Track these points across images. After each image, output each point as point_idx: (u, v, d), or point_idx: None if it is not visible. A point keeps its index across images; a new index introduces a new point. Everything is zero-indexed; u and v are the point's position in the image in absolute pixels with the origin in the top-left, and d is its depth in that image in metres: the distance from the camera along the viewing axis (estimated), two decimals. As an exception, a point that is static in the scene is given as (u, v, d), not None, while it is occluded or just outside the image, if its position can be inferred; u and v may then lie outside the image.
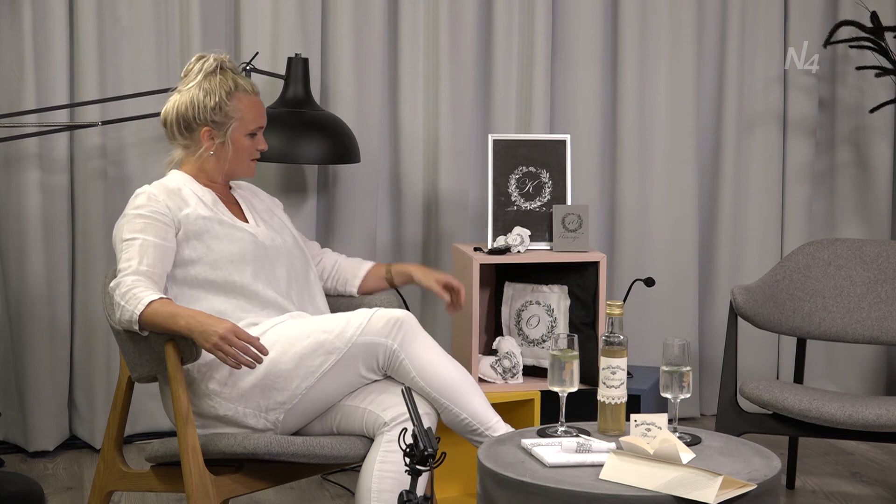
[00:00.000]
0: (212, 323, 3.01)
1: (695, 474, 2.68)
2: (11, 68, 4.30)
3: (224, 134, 3.33)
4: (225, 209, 3.34)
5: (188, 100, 3.32)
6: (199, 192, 3.32)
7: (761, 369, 4.99)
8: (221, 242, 3.25)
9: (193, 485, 3.03)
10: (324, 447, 3.14)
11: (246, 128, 3.34)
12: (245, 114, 3.34)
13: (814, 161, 5.05)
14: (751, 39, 4.96)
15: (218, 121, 3.31)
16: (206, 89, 3.31)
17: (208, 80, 3.33)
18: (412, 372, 3.14)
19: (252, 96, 3.36)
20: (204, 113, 3.30)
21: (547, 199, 4.04)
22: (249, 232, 3.31)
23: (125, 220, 3.23)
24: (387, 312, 3.15)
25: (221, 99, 3.30)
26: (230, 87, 3.32)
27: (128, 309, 3.06)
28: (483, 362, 3.88)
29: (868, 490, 4.20)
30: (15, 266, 4.37)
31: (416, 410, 2.60)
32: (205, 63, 3.35)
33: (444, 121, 4.65)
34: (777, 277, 4.01)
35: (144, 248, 3.16)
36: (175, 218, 3.23)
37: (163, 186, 3.30)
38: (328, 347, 3.13)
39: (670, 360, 3.03)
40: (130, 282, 3.10)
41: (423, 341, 3.16)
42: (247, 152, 3.37)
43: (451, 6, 4.63)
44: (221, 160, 3.35)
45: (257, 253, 3.28)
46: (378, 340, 3.13)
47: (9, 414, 4.47)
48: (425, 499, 2.54)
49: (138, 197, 3.26)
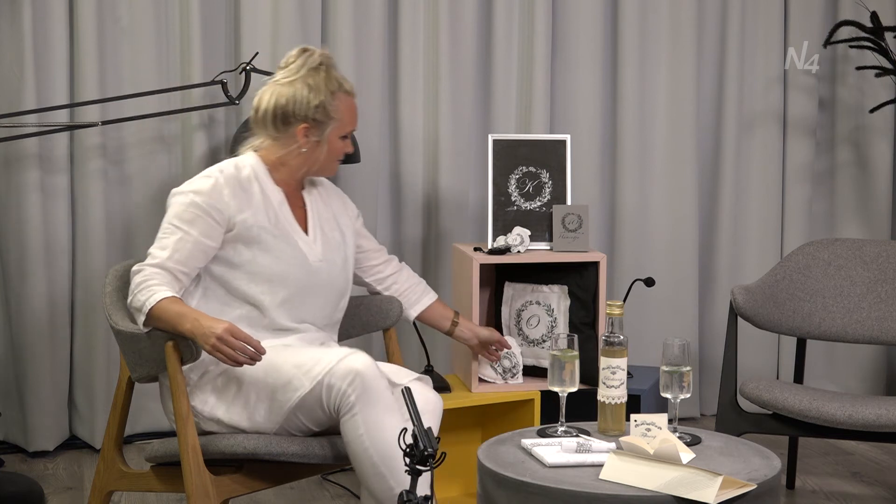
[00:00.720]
0: (210, 325, 3.00)
1: (695, 474, 2.68)
2: (11, 68, 4.30)
3: (321, 133, 3.25)
4: (289, 214, 3.27)
5: (290, 93, 3.23)
6: (270, 189, 3.25)
7: (761, 369, 4.99)
8: (268, 257, 3.19)
9: (193, 485, 3.03)
10: (324, 447, 3.14)
11: (343, 129, 3.28)
12: (344, 115, 3.27)
13: (814, 161, 5.05)
14: (751, 39, 4.96)
15: (319, 119, 3.24)
16: (311, 86, 3.23)
17: (312, 76, 3.24)
18: (360, 429, 3.00)
19: (352, 98, 3.30)
20: (306, 110, 3.22)
21: (547, 199, 4.04)
22: (301, 251, 3.24)
23: (183, 197, 3.16)
24: (355, 362, 3.03)
25: (326, 98, 3.23)
26: (335, 86, 3.25)
27: (139, 299, 3.06)
28: (483, 362, 3.89)
29: (868, 490, 4.20)
30: (15, 266, 4.37)
31: (416, 410, 2.59)
32: (309, 58, 3.26)
33: (444, 121, 4.65)
34: (777, 277, 4.01)
35: (182, 244, 3.13)
36: (230, 219, 3.17)
37: (234, 176, 3.21)
38: (296, 384, 3.07)
39: (670, 360, 3.03)
40: (151, 273, 3.09)
41: (383, 401, 3.03)
42: (337, 153, 3.30)
43: (451, 6, 4.63)
44: (311, 159, 3.28)
45: (298, 280, 3.22)
46: (339, 386, 3.02)
47: (9, 414, 4.47)
48: (425, 499, 2.54)
49: (205, 180, 3.19)
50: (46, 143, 4.36)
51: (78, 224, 4.44)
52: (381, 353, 3.94)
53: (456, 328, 3.68)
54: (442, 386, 3.82)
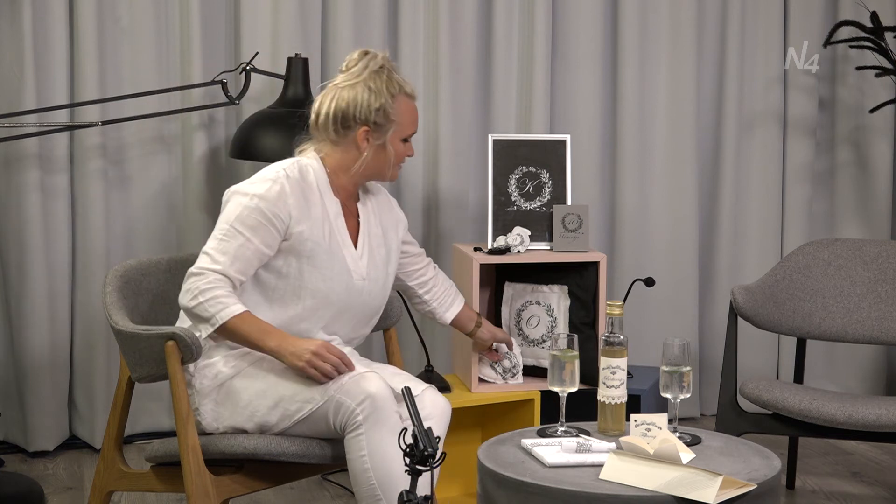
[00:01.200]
0: (303, 343, 3.06)
1: (695, 474, 2.68)
2: (11, 68, 4.30)
3: (382, 137, 3.21)
4: (342, 227, 3.22)
5: (351, 97, 3.18)
6: (328, 199, 3.20)
7: (761, 369, 4.99)
8: (316, 274, 3.16)
9: (193, 485, 3.03)
10: (323, 447, 3.14)
11: (403, 132, 3.24)
12: (404, 118, 3.22)
13: (814, 161, 5.05)
14: (751, 39, 4.96)
15: (379, 122, 3.20)
16: (372, 89, 3.19)
17: (373, 80, 3.20)
18: (364, 450, 3.00)
19: (412, 101, 3.26)
20: (367, 113, 3.18)
21: (547, 199, 4.04)
22: (347, 268, 3.20)
23: (246, 200, 3.10)
24: (369, 384, 3.03)
25: (387, 101, 3.19)
26: (395, 89, 3.21)
27: (209, 310, 3.04)
28: (483, 363, 3.89)
29: (868, 490, 4.20)
30: (15, 266, 4.37)
31: (416, 410, 2.59)
32: (371, 60, 3.22)
33: (444, 121, 4.65)
34: (777, 277, 4.01)
35: (243, 251, 3.09)
36: (290, 228, 3.13)
37: (299, 181, 3.16)
38: (307, 396, 3.07)
39: (670, 360, 3.03)
40: (215, 281, 3.06)
41: (390, 425, 3.01)
42: (399, 158, 3.26)
43: (451, 6, 4.63)
44: (373, 164, 3.23)
45: (340, 298, 3.20)
46: (348, 404, 3.02)
47: (9, 414, 4.47)
48: (425, 499, 2.54)
49: (272, 185, 3.12)
50: (46, 143, 4.36)
51: (78, 224, 4.44)
52: (382, 353, 3.95)
53: (478, 330, 3.70)
54: (442, 386, 3.82)
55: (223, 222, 3.12)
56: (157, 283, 3.39)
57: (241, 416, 3.12)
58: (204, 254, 3.11)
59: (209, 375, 3.16)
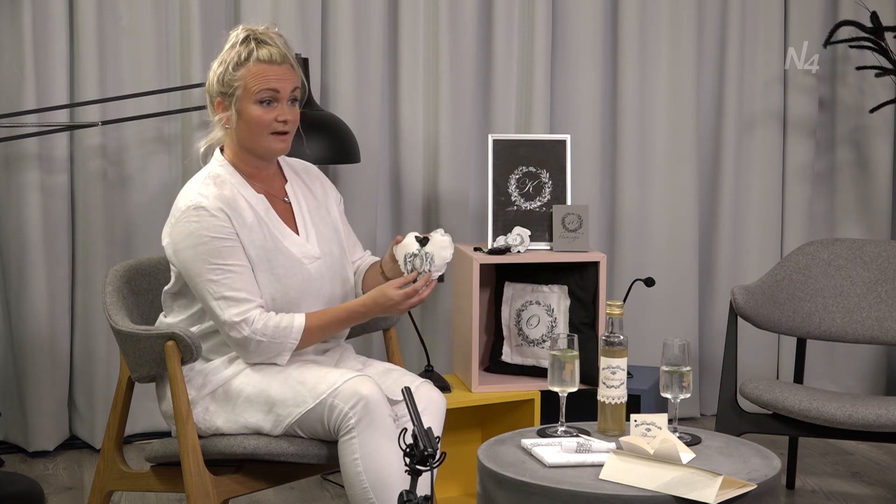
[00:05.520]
0: (384, 303, 3.13)
1: (695, 474, 2.68)
2: (11, 68, 4.30)
3: (231, 103, 3.12)
4: (276, 219, 3.18)
5: (209, 75, 3.16)
6: (252, 198, 3.15)
7: (761, 369, 4.99)
8: (268, 276, 3.12)
9: (193, 485, 3.03)
10: (322, 448, 3.13)
11: (251, 95, 3.09)
12: (249, 80, 3.09)
13: (814, 161, 5.05)
14: (751, 39, 4.96)
15: (224, 91, 3.12)
16: (222, 58, 3.14)
17: (228, 53, 3.13)
18: (356, 453, 2.99)
19: (265, 64, 3.11)
20: (215, 85, 3.13)
21: (547, 199, 4.04)
22: (296, 257, 3.16)
23: (199, 242, 3.06)
24: (361, 387, 3.02)
25: (229, 67, 3.11)
26: (245, 55, 3.11)
27: (283, 344, 3.09)
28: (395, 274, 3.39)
29: (868, 490, 4.20)
30: (15, 266, 4.37)
31: (416, 410, 2.59)
32: (235, 35, 3.15)
33: (444, 121, 4.65)
34: (777, 277, 4.01)
35: (243, 278, 3.07)
36: (240, 239, 3.11)
37: (218, 198, 3.09)
38: (298, 400, 3.07)
39: (670, 360, 3.03)
40: (254, 319, 3.06)
41: (383, 428, 3.01)
42: (261, 124, 3.11)
43: (451, 6, 4.63)
44: (243, 134, 3.13)
45: (300, 292, 3.17)
46: (341, 407, 3.02)
47: (9, 414, 4.47)
48: (425, 499, 2.54)
49: (207, 218, 3.06)
50: (46, 143, 4.36)
51: (78, 224, 4.44)
52: (382, 353, 3.94)
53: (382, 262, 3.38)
54: (442, 386, 3.82)
55: (203, 273, 3.07)
56: (157, 283, 3.39)
57: (236, 423, 3.12)
58: (218, 307, 3.06)
59: (209, 377, 3.16)
